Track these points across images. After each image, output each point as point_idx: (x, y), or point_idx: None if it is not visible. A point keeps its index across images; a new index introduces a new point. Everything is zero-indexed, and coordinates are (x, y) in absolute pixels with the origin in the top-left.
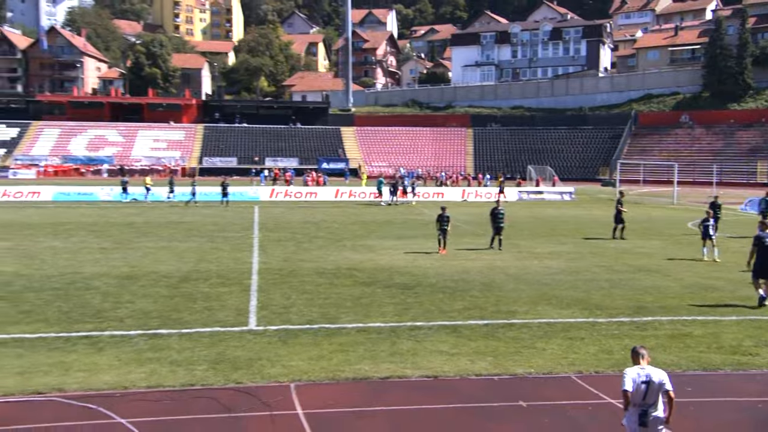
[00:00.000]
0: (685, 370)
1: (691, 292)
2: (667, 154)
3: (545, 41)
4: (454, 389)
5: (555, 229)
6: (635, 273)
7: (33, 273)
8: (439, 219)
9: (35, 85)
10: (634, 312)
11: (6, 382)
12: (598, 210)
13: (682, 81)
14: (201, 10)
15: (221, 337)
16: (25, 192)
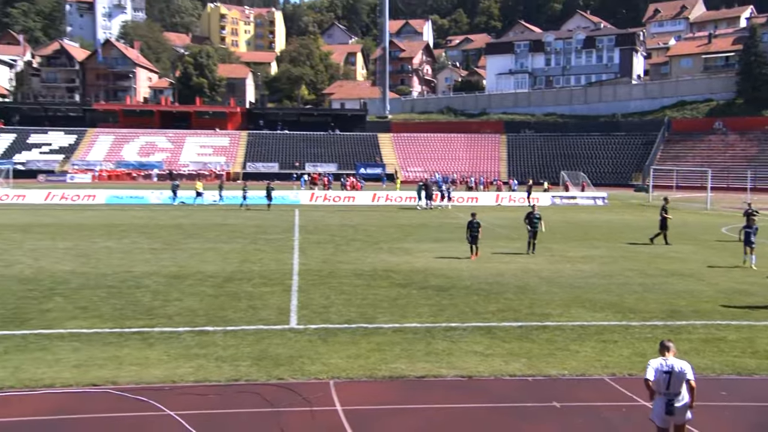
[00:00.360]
0: (719, 374)
1: (725, 297)
2: (701, 160)
3: (578, 49)
4: (489, 389)
5: (588, 234)
6: (668, 277)
7: (89, 271)
8: (470, 225)
9: (91, 95)
10: (668, 316)
11: (64, 374)
12: (630, 215)
13: (716, 88)
14: (246, 22)
15: (264, 334)
16: (82, 195)
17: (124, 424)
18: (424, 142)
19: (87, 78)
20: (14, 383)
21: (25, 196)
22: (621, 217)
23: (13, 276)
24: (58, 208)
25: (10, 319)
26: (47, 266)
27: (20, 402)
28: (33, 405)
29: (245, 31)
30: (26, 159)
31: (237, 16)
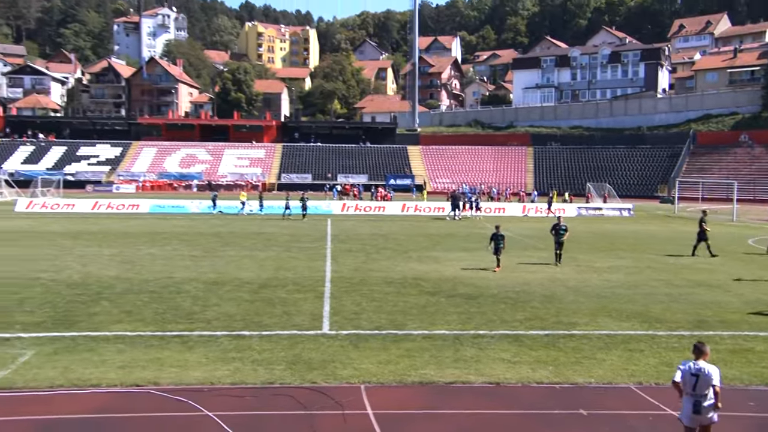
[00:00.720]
0: (747, 385)
1: (753, 308)
2: (726, 173)
3: (604, 64)
4: (516, 396)
5: (614, 244)
6: (695, 288)
7: (133, 277)
8: (493, 237)
9: (136, 109)
10: (694, 326)
11: (109, 374)
12: (656, 226)
13: (741, 101)
14: (281, 40)
15: (298, 339)
16: (126, 204)
17: (165, 424)
18: (452, 154)
19: (132, 93)
20: (64, 382)
21: (74, 205)
22: (647, 228)
23: (63, 281)
24: (104, 216)
25: (61, 322)
26: (94, 272)
27: (69, 400)
28: (81, 404)
29: (281, 49)
30: (75, 170)
31: (273, 34)
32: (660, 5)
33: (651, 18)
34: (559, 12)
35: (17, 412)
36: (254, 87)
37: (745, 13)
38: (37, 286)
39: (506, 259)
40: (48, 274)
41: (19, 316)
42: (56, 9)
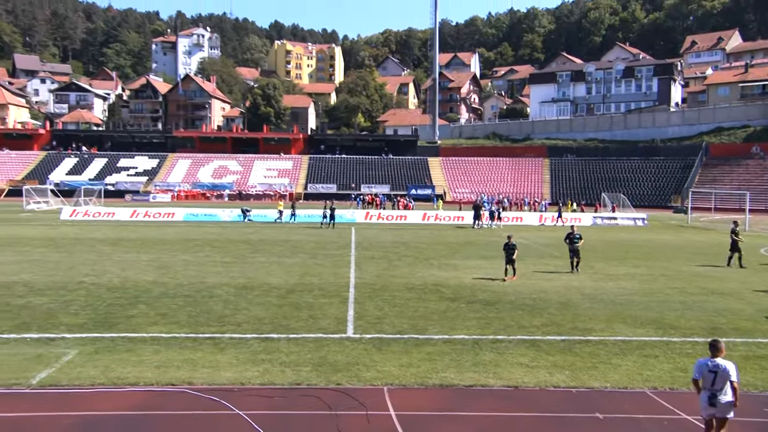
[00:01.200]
0: (761, 391)
1: (766, 316)
2: (738, 184)
3: (618, 79)
4: (534, 399)
5: (628, 253)
6: (708, 296)
7: (168, 282)
8: (505, 247)
9: (172, 123)
10: (708, 333)
11: (146, 374)
12: (670, 235)
13: (753, 115)
14: (308, 57)
15: (323, 342)
16: (162, 213)
17: (198, 422)
18: (471, 166)
19: (169, 108)
20: (104, 381)
21: (114, 213)
22: (661, 237)
23: (103, 285)
24: (142, 224)
25: (101, 323)
26: (132, 276)
27: (109, 398)
28: (119, 401)
29: (308, 65)
30: (115, 180)
31: (301, 52)
32: (672, 22)
33: (664, 34)
34: (575, 29)
35: (62, 409)
36: (282, 102)
37: (755, 30)
38: (81, 289)
39: (523, 267)
40: (90, 278)
41: (64, 317)
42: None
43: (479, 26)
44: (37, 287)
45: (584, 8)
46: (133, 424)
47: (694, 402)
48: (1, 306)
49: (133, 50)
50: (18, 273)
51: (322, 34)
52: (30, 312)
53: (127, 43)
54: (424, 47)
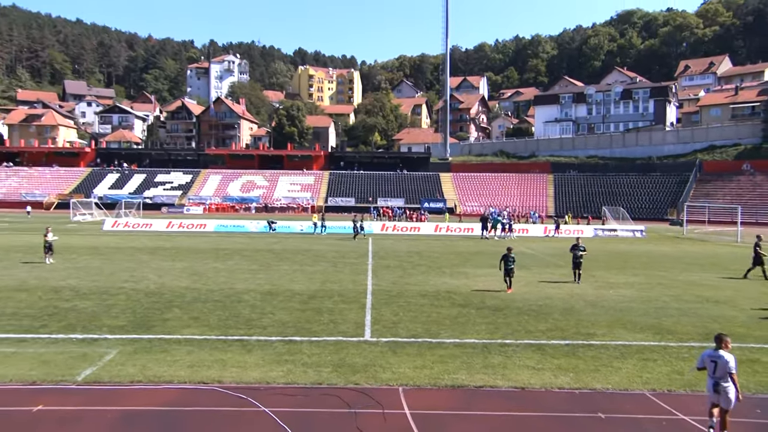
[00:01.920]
0: (754, 393)
1: (757, 322)
2: (731, 198)
3: (617, 100)
4: (540, 400)
5: (628, 262)
6: (703, 303)
7: (200, 287)
8: (504, 258)
9: (204, 142)
10: (703, 338)
11: (179, 373)
12: (667, 246)
13: (743, 134)
14: (329, 81)
15: (342, 345)
16: (195, 224)
17: (226, 418)
18: (480, 181)
19: (201, 128)
20: (141, 378)
21: (152, 224)
22: (658, 248)
23: (141, 290)
24: (176, 234)
25: (139, 325)
26: (168, 282)
27: (146, 394)
28: (155, 397)
29: (329, 88)
30: (153, 194)
31: (322, 76)
32: (667, 48)
33: (659, 59)
34: (576, 54)
35: (104, 403)
36: (305, 122)
37: (744, 55)
38: (121, 294)
39: (530, 275)
40: (129, 284)
41: (106, 320)
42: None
43: (487, 52)
44: (82, 292)
45: (584, 35)
46: (168, 418)
47: (691, 403)
48: (51, 309)
49: (170, 75)
50: (65, 278)
51: (341, 59)
52: (76, 314)
53: (165, 69)
54: (436, 71)
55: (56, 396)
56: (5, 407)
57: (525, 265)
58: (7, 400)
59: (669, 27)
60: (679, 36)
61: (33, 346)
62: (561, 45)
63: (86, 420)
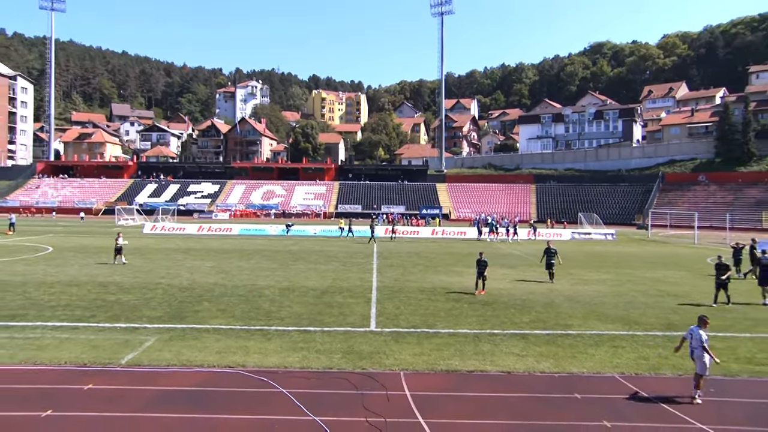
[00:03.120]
0: (709, 374)
1: (711, 314)
2: (689, 205)
3: (590, 120)
4: (524, 382)
5: (601, 262)
6: (665, 297)
7: (226, 283)
8: (477, 263)
9: (230, 156)
10: (665, 328)
11: (209, 358)
12: (634, 248)
13: (699, 150)
14: (339, 102)
15: (351, 335)
16: (222, 228)
17: (249, 397)
18: (472, 190)
19: (228, 144)
20: (176, 362)
21: (185, 228)
22: (627, 249)
23: (176, 285)
24: (206, 237)
25: (174, 316)
26: (198, 279)
27: (180, 376)
28: (188, 379)
29: (339, 109)
30: (186, 202)
31: (333, 99)
32: (633, 75)
33: (626, 85)
34: (554, 80)
35: (144, 384)
36: (318, 139)
37: (698, 81)
38: (158, 288)
39: (514, 273)
40: (165, 280)
41: (146, 311)
42: (176, 83)
43: (477, 78)
44: (125, 287)
45: (562, 63)
46: (198, 397)
47: (655, 384)
48: (99, 301)
49: (201, 99)
50: (111, 275)
51: (350, 84)
52: (120, 306)
53: (197, 93)
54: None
55: (103, 377)
56: (61, 385)
57: (511, 265)
58: (63, 380)
59: (634, 57)
60: (643, 65)
61: (84, 333)
62: (541, 72)
63: (129, 397)
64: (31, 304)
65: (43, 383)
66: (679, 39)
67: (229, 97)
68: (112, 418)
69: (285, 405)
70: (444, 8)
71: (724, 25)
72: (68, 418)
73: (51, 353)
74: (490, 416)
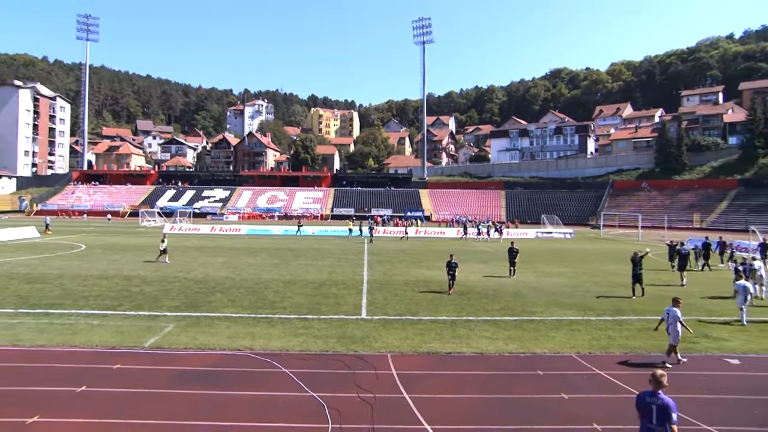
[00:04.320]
0: (650, 352)
1: (651, 301)
2: (634, 209)
3: (551, 135)
4: (494, 362)
5: (561, 257)
6: (615, 287)
7: (236, 277)
8: (448, 265)
9: (239, 166)
10: (614, 313)
11: (220, 342)
12: (589, 245)
13: (642, 161)
14: (335, 119)
15: (344, 322)
16: (232, 228)
17: (256, 376)
18: (450, 195)
19: (237, 155)
20: (192, 346)
21: (199, 228)
22: (583, 246)
23: (191, 279)
24: (218, 236)
25: (189, 305)
26: (211, 273)
27: (195, 358)
28: (202, 360)
29: (334, 125)
30: (200, 206)
31: (329, 116)
32: (586, 96)
33: (581, 105)
34: (521, 100)
35: (165, 364)
36: (316, 150)
37: (641, 103)
38: (176, 281)
39: (487, 268)
40: (182, 274)
41: (166, 301)
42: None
43: (454, 98)
44: (148, 279)
45: (527, 86)
46: (212, 376)
47: (606, 362)
48: (125, 292)
49: (214, 116)
50: (136, 270)
51: (344, 102)
52: (143, 297)
53: (211, 111)
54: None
55: (129, 358)
56: (93, 365)
57: (484, 260)
58: (94, 360)
59: (587, 81)
60: (595, 88)
61: (113, 320)
62: (509, 93)
63: (153, 376)
64: (67, 294)
65: (77, 363)
66: (625, 66)
67: (238, 114)
68: (137, 393)
69: (287, 383)
70: (425, 38)
71: (661, 56)
72: (100, 393)
73: (84, 337)
74: (465, 391)
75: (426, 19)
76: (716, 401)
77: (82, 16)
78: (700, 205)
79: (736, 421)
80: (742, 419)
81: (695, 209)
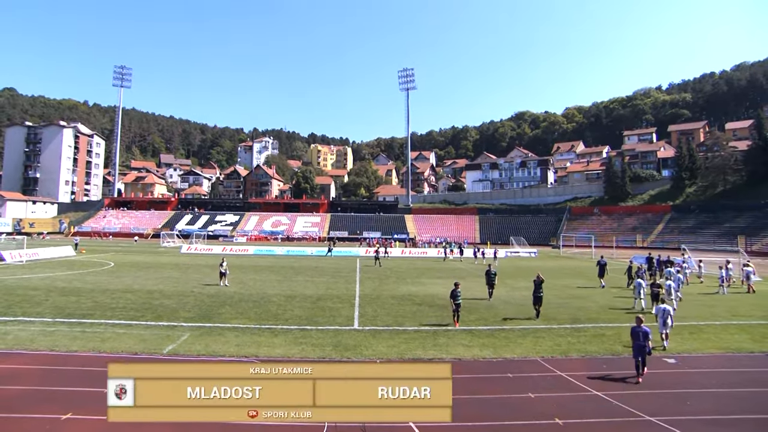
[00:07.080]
0: (602, 355)
1: (603, 310)
2: (588, 230)
3: (517, 168)
4: (470, 366)
5: (527, 273)
6: (572, 299)
7: (243, 292)
8: (453, 295)
9: (248, 194)
10: (572, 321)
11: (230, 349)
12: (551, 263)
13: (594, 190)
14: (331, 154)
15: (339, 332)
16: (241, 249)
17: None
18: (431, 220)
19: (246, 185)
20: (205, 353)
21: (212, 249)
22: (545, 263)
23: (205, 293)
24: (228, 256)
25: (203, 316)
26: (222, 288)
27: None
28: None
29: (330, 158)
30: (213, 229)
31: (326, 151)
32: (546, 135)
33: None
34: (491, 138)
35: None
36: (315, 181)
37: (591, 141)
38: (191, 296)
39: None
40: (197, 288)
41: (182, 313)
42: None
43: (434, 136)
44: (167, 294)
45: (496, 126)
46: None
47: (566, 365)
48: (147, 304)
49: (227, 150)
50: (156, 285)
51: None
52: (162, 309)
53: (224, 146)
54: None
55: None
56: None
57: (462, 277)
58: None
59: (546, 122)
60: (553, 128)
61: (136, 329)
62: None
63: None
64: (97, 306)
65: (106, 367)
66: (577, 110)
67: (248, 149)
68: None
69: None
70: (409, 85)
71: (606, 102)
72: None
73: (111, 344)
74: None
75: (410, 70)
76: (656, 396)
77: (118, 67)
78: (642, 227)
79: (673, 411)
80: (678, 410)
81: (638, 231)
